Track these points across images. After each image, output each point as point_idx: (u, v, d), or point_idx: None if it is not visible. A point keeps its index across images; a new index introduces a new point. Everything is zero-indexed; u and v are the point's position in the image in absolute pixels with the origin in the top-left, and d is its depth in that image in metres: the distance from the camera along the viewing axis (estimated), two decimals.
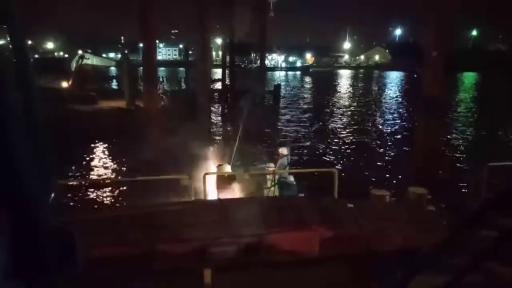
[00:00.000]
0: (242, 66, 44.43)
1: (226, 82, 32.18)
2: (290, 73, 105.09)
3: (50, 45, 58.22)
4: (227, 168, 7.51)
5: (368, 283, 3.38)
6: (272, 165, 7.92)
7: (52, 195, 0.78)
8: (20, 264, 0.65)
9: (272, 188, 7.42)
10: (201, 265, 3.25)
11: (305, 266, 3.52)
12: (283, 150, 8.13)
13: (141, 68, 33.53)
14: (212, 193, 6.53)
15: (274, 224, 3.75)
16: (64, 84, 25.03)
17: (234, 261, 3.38)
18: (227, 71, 32.84)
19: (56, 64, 30.06)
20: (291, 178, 7.75)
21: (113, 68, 45.71)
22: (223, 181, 6.89)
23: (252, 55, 45.03)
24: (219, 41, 47.56)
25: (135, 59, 39.20)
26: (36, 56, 42.26)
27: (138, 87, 22.85)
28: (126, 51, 31.49)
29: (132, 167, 13.84)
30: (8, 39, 0.65)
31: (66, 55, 40.00)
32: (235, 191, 6.86)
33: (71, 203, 10.39)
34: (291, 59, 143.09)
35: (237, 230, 3.64)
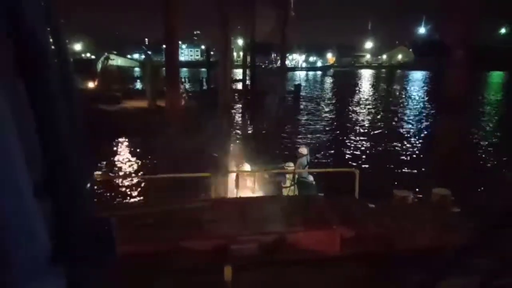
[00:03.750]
0: (263, 66, 44.48)
1: (247, 83, 32.34)
2: (310, 73, 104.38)
3: (77, 46, 60.08)
4: (247, 167, 7.56)
5: (389, 283, 3.35)
6: (291, 164, 7.91)
7: (89, 185, 0.82)
8: (59, 252, 0.68)
9: (292, 187, 7.42)
10: (222, 263, 3.29)
11: (326, 266, 3.51)
12: (303, 150, 8.11)
13: (164, 68, 34.15)
14: (232, 191, 6.59)
15: (295, 223, 3.76)
16: (91, 85, 25.76)
17: (254, 259, 3.41)
18: (248, 72, 33.00)
19: (83, 65, 31.00)
20: (311, 178, 7.72)
21: (137, 69, 46.67)
22: (243, 179, 6.94)
23: (273, 55, 44.92)
24: (240, 42, 47.85)
25: (158, 60, 39.88)
26: None
27: (161, 87, 23.26)
28: (149, 52, 32.04)
29: (153, 165, 14.13)
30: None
31: (93, 57, 41.17)
32: (255, 190, 6.89)
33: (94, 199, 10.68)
34: (311, 59, 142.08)
35: (257, 228, 3.67)
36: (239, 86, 34.21)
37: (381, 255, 3.56)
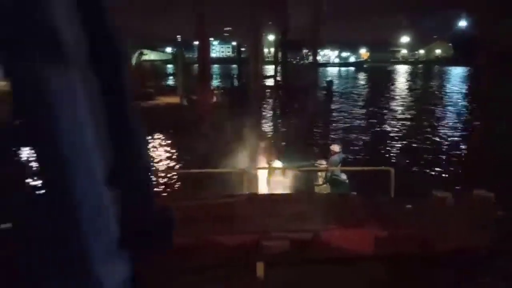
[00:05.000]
0: (294, 62, 44.11)
1: (278, 79, 32.18)
2: (343, 69, 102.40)
3: None
4: (278, 164, 7.54)
5: (422, 283, 3.24)
6: (323, 162, 7.81)
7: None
8: (126, 237, 0.72)
9: (324, 185, 7.32)
10: (254, 258, 3.30)
11: (358, 265, 3.45)
12: (335, 147, 7.98)
13: (196, 65, 34.69)
14: (263, 188, 6.60)
15: (327, 221, 3.71)
16: None
17: (286, 255, 3.40)
18: (279, 68, 32.80)
19: None
20: (343, 176, 7.59)
21: (169, 65, 47.66)
22: (274, 176, 6.93)
23: (304, 50, 44.44)
24: (271, 37, 47.68)
25: (190, 57, 40.53)
26: None
27: (192, 84, 23.64)
28: (182, 49, 32.64)
29: (185, 160, 14.41)
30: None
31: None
32: (286, 187, 6.87)
33: None
34: (344, 54, 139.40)
35: (289, 225, 3.66)
36: (270, 82, 34.15)
37: (414, 256, 3.46)
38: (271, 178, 6.86)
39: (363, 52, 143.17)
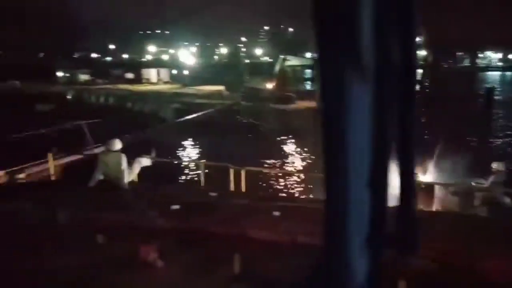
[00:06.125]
0: (445, 66, 39.64)
1: (426, 84, 29.37)
2: (508, 73, 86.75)
3: (258, 51, 67.35)
4: (428, 178, 6.90)
5: None
6: (482, 181, 6.79)
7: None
8: (374, 236, 0.80)
9: (482, 208, 6.36)
10: (395, 274, 3.12)
11: None
12: (499, 166, 6.84)
13: None
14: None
15: (481, 245, 3.25)
16: (269, 86, 28.36)
17: (430, 275, 3.12)
18: (427, 72, 29.93)
19: (263, 68, 34.38)
20: (508, 200, 6.44)
21: (308, 71, 48.75)
22: (421, 191, 6.36)
23: (459, 53, 39.41)
24: (417, 39, 43.94)
25: None
26: (247, 61, 49.58)
27: None
28: None
29: (314, 163, 14.46)
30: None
31: (271, 60, 45.40)
32: (434, 203, 6.22)
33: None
34: (511, 56, 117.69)
35: (434, 243, 3.33)
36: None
37: None
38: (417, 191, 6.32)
39: None
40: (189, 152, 17.43)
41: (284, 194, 11.37)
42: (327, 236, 0.77)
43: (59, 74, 46.44)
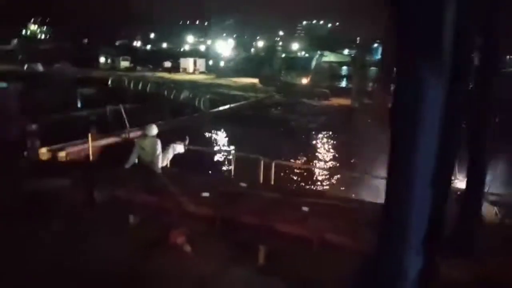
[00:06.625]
0: (503, 70, 37.50)
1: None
2: None
3: (294, 46, 66.72)
4: (461, 185, 6.54)
5: None
6: None
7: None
8: (430, 236, 0.79)
9: None
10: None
11: None
12: None
13: (372, 68, 33.51)
14: None
15: None
16: (304, 81, 28.07)
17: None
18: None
19: (299, 63, 34.05)
20: None
21: (344, 68, 47.85)
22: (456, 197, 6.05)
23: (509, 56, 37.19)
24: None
25: (367, 60, 39.56)
26: (283, 55, 49.33)
27: (366, 87, 23.17)
28: (362, 52, 32.24)
29: (345, 161, 14.18)
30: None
31: (307, 55, 44.92)
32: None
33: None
34: None
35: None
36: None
37: None
38: None
39: None
40: (221, 142, 17.64)
41: (313, 190, 11.25)
42: (384, 235, 0.75)
43: (102, 59, 48.26)
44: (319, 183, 12.68)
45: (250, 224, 4.24)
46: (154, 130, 6.31)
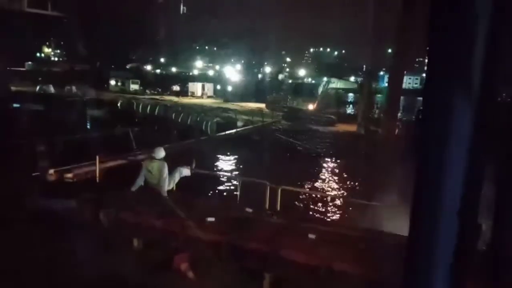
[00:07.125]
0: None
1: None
2: None
3: (301, 72, 67.72)
4: None
5: None
6: None
7: None
8: (458, 263, 0.78)
9: None
10: None
11: None
12: None
13: (378, 95, 33.66)
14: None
15: None
16: (310, 107, 28.24)
17: None
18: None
19: (306, 88, 34.38)
20: None
21: (350, 94, 48.16)
22: None
23: None
24: None
25: (374, 87, 39.83)
26: (290, 80, 49.93)
27: (371, 114, 23.28)
28: (368, 79, 32.59)
29: (352, 188, 14.05)
30: None
31: (313, 81, 45.39)
32: None
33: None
34: None
35: None
36: None
37: None
38: None
39: None
40: (227, 166, 17.62)
41: (319, 217, 11.11)
42: (411, 264, 0.75)
43: (112, 82, 49.22)
44: (325, 209, 12.53)
45: (256, 251, 4.19)
46: (161, 153, 6.35)
